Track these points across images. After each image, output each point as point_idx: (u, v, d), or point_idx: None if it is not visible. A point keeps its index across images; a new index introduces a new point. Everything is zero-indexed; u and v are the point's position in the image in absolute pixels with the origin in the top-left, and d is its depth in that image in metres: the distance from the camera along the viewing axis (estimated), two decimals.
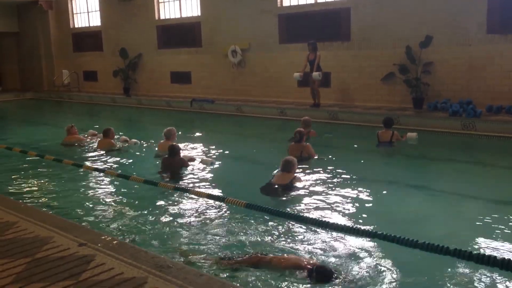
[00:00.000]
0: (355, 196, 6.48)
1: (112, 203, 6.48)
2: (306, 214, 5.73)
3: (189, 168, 7.91)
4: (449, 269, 4.23)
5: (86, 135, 10.79)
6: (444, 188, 6.88)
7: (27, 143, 10.62)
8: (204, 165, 8.14)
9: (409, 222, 5.59)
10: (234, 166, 8.72)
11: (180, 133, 10.77)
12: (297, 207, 6.09)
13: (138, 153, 9.61)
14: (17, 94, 22.31)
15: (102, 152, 9.43)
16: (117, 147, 9.66)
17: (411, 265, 4.38)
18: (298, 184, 6.68)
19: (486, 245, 4.83)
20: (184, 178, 7.48)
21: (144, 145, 10.16)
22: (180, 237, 5.23)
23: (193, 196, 6.42)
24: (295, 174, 6.79)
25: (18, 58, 23.94)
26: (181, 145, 8.53)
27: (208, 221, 5.67)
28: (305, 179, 7.06)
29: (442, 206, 6.22)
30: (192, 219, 5.76)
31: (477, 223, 5.51)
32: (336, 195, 6.51)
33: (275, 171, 7.01)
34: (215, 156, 8.91)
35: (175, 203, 6.34)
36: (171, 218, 5.80)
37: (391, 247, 4.57)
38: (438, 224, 5.55)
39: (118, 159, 9.06)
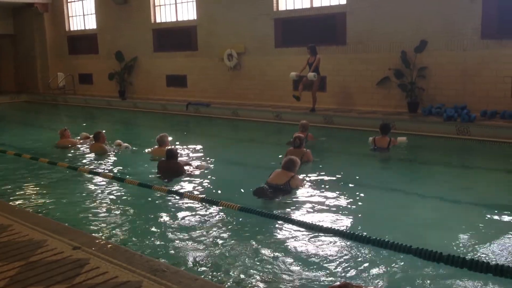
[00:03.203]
0: (350, 200, 6.48)
1: (107, 206, 6.46)
2: (300, 217, 5.73)
3: (185, 172, 7.89)
4: (442, 275, 4.23)
5: (79, 138, 10.75)
6: (438, 193, 6.89)
7: (21, 146, 10.59)
8: (200, 170, 8.13)
9: (403, 227, 5.60)
10: (229, 170, 8.72)
11: (175, 136, 10.77)
12: (291, 210, 6.09)
13: (131, 157, 9.59)
14: (12, 96, 22.22)
15: (96, 155, 9.41)
16: (108, 151, 9.59)
17: (404, 272, 4.38)
18: (295, 185, 6.66)
19: (480, 251, 4.83)
20: (180, 182, 7.47)
21: (135, 149, 10.12)
22: (174, 241, 5.22)
23: (187, 199, 6.41)
24: (295, 174, 6.78)
25: (13, 61, 23.86)
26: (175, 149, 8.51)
27: (203, 224, 5.66)
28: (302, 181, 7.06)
29: (436, 211, 6.23)
30: (187, 222, 5.75)
31: (471, 228, 5.52)
32: (331, 199, 6.51)
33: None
34: (210, 160, 8.91)
35: (170, 207, 6.33)
36: (165, 222, 5.80)
37: (383, 252, 4.60)
38: (432, 229, 5.55)
39: (112, 162, 9.04)
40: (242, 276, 4.34)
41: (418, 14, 12.05)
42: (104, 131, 10.07)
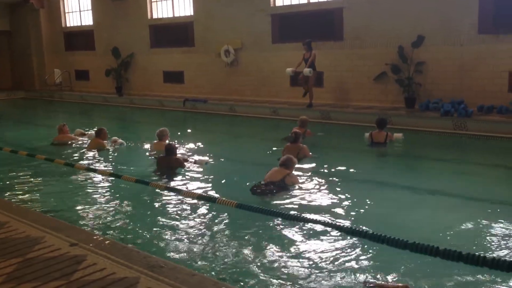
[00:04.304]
0: (346, 196, 6.48)
1: (104, 202, 6.46)
2: (296, 213, 5.73)
3: (184, 167, 7.89)
4: (439, 270, 4.25)
5: (74, 135, 10.72)
6: (435, 187, 6.91)
7: (18, 143, 10.56)
8: (199, 165, 8.13)
9: (400, 222, 5.61)
10: (226, 166, 8.72)
11: (172, 133, 10.75)
12: (288, 206, 6.09)
13: (130, 153, 9.58)
14: (9, 93, 22.15)
15: (93, 151, 9.39)
16: (107, 147, 9.58)
17: (400, 266, 4.39)
18: (290, 183, 6.66)
19: (476, 245, 4.86)
20: (178, 178, 7.47)
21: (132, 144, 10.10)
22: (172, 237, 5.22)
23: (185, 196, 6.41)
24: (291, 172, 6.77)
25: (9, 57, 23.77)
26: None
27: (200, 221, 5.67)
28: (298, 178, 7.06)
29: (434, 206, 6.25)
30: (184, 219, 5.75)
31: (468, 222, 5.53)
32: (328, 194, 6.53)
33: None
34: (208, 156, 8.90)
35: (167, 203, 6.33)
36: (163, 218, 5.80)
37: (380, 247, 4.61)
38: (429, 224, 5.57)
39: (109, 158, 9.03)
40: (238, 271, 4.35)
41: (415, 9, 12.03)
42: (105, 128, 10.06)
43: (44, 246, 4.04)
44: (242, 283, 4.14)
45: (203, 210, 5.99)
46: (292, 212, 5.78)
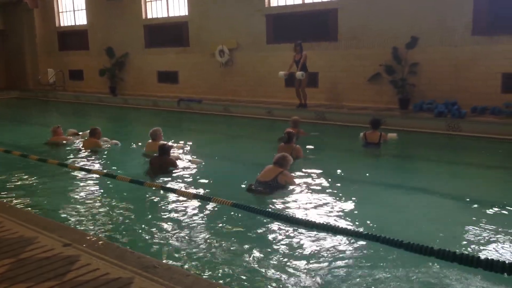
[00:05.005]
0: (341, 196, 6.50)
1: (98, 203, 6.44)
2: (291, 214, 5.74)
3: (178, 167, 7.88)
4: (434, 270, 4.26)
5: (67, 135, 10.67)
6: (429, 188, 6.93)
7: (11, 143, 10.51)
8: (193, 165, 8.13)
9: (394, 222, 5.62)
10: (221, 166, 8.71)
11: (166, 132, 10.74)
12: (283, 206, 6.10)
13: (124, 153, 9.55)
14: (3, 92, 22.04)
15: (87, 151, 9.35)
16: (102, 147, 9.57)
17: (395, 266, 4.40)
18: (283, 181, 6.64)
19: (471, 246, 4.87)
20: (172, 178, 7.46)
21: (128, 144, 10.08)
22: (166, 237, 5.21)
23: (179, 196, 6.40)
24: (285, 170, 6.77)
25: (3, 57, 23.65)
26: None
27: (195, 220, 5.66)
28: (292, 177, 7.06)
29: (427, 206, 6.27)
30: (179, 218, 5.73)
31: (461, 223, 5.56)
32: (322, 195, 6.52)
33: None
34: (203, 156, 8.89)
35: (162, 203, 6.31)
36: (157, 218, 5.78)
37: (375, 247, 4.62)
38: (422, 224, 5.59)
39: (103, 158, 9.00)
40: (233, 272, 4.34)
41: (409, 10, 12.07)
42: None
43: (37, 247, 4.02)
44: (236, 284, 4.14)
45: (197, 209, 5.98)
46: (286, 213, 5.78)
